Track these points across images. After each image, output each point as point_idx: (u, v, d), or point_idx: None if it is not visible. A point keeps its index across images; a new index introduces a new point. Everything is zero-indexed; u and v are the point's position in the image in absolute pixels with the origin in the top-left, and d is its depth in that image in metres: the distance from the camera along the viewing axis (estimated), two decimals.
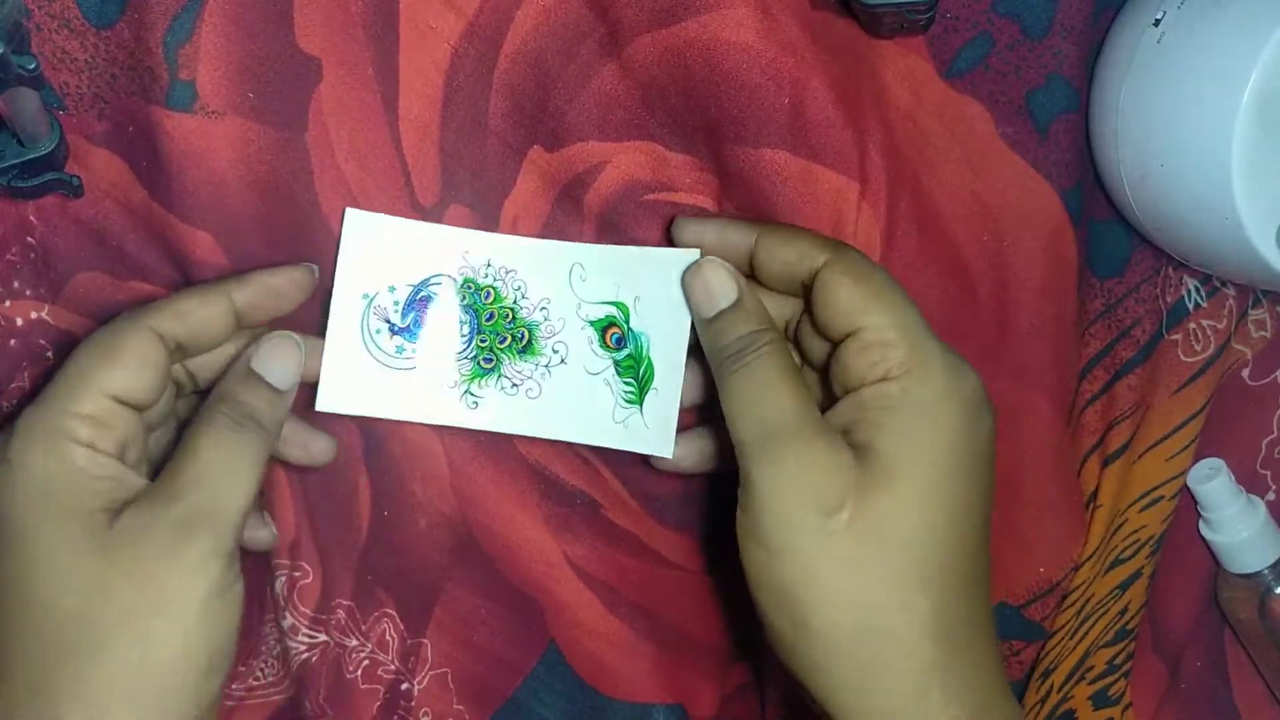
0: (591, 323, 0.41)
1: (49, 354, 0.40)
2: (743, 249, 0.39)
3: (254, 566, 0.45)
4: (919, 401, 0.35)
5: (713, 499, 0.44)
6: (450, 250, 0.40)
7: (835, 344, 0.37)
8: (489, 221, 0.41)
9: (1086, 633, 0.47)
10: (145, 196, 0.39)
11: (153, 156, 0.38)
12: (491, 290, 0.40)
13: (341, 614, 0.43)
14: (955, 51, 0.40)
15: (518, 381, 0.40)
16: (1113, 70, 0.41)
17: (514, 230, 0.41)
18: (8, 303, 0.39)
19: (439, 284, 0.40)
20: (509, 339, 0.40)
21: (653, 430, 0.41)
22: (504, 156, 0.40)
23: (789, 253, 0.38)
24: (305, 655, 0.43)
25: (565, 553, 0.44)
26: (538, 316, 0.40)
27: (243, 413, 0.36)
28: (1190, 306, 0.45)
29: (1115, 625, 0.47)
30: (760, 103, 0.38)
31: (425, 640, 0.44)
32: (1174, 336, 0.45)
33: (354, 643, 0.43)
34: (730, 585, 0.45)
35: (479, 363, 0.40)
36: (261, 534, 0.41)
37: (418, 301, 0.40)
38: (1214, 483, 0.47)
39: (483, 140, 0.40)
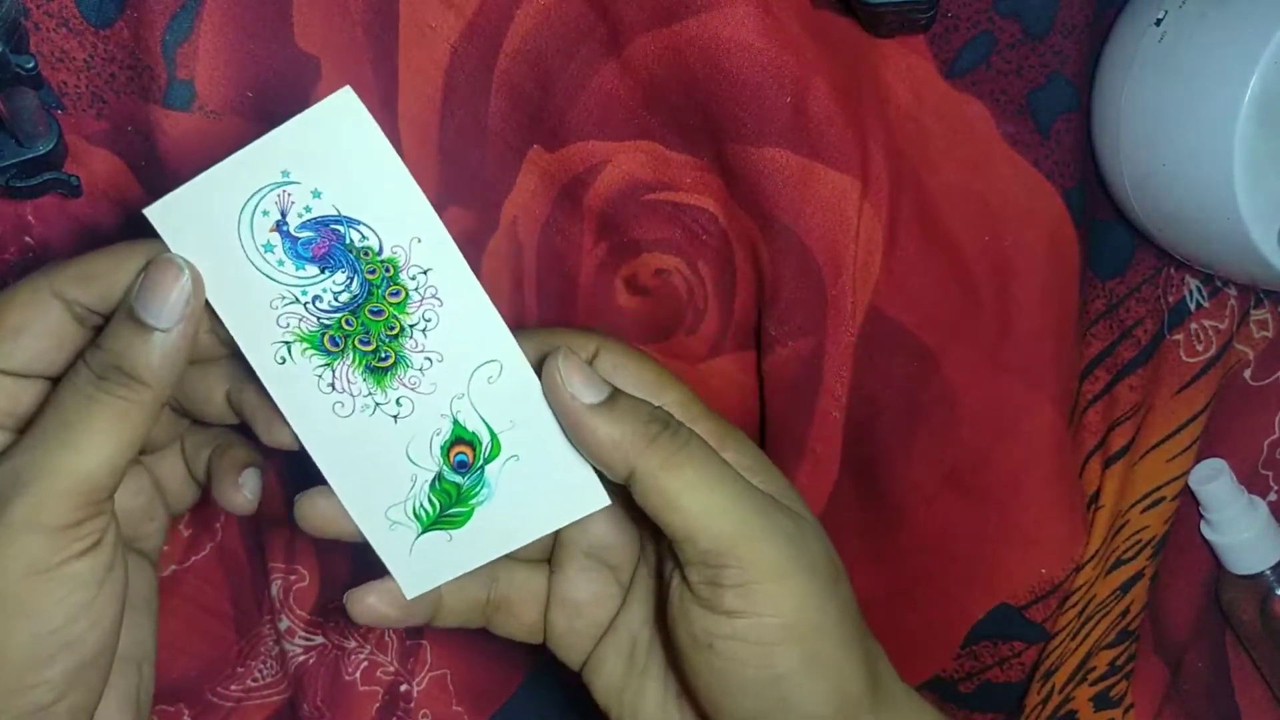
0: (454, 424, 0.34)
1: None
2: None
3: (250, 568, 0.45)
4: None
5: None
6: (399, 207, 0.31)
7: None
8: (488, 221, 0.40)
9: (1088, 634, 0.47)
10: (143, 196, 0.39)
11: (151, 156, 0.38)
12: (401, 289, 0.32)
13: (341, 615, 0.43)
14: (956, 51, 0.40)
15: (341, 389, 0.33)
16: (1114, 70, 0.41)
17: (513, 229, 0.41)
18: None
19: (363, 232, 0.31)
20: (372, 344, 0.33)
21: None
22: (503, 156, 0.40)
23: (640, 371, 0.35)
24: (302, 658, 0.43)
25: None
26: (416, 356, 0.33)
27: (106, 361, 0.31)
28: (1192, 306, 0.45)
29: (1117, 626, 0.47)
30: (761, 101, 0.38)
31: (424, 642, 0.44)
32: (1176, 337, 0.45)
33: (353, 644, 0.43)
34: None
35: (324, 340, 0.33)
36: (235, 497, 0.35)
37: (327, 230, 0.32)
38: (1215, 483, 0.47)
39: (482, 140, 0.40)
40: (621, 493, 0.33)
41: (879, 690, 0.34)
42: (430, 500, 0.34)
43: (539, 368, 0.33)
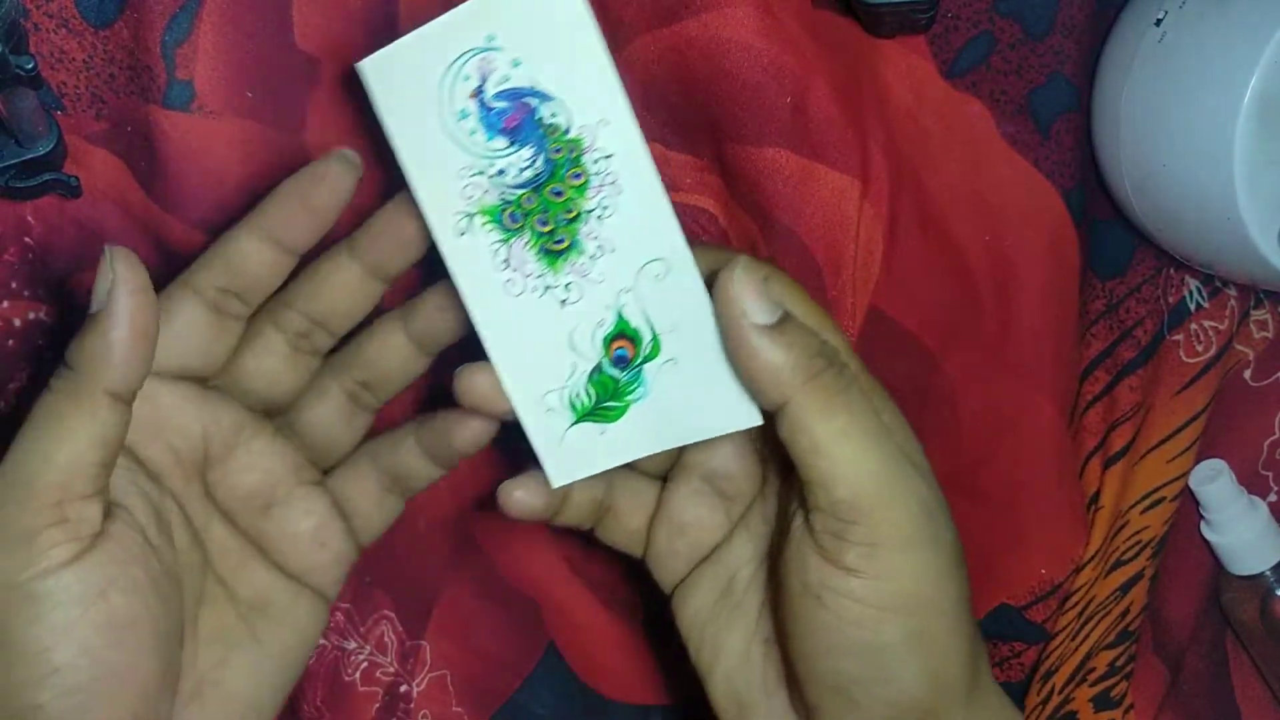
0: (618, 317, 0.33)
1: (47, 355, 0.40)
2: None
3: None
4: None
5: None
6: (593, 88, 0.31)
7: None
8: None
9: (1088, 634, 0.47)
10: (143, 197, 0.39)
11: (150, 156, 0.38)
12: (583, 172, 0.32)
13: (340, 616, 0.43)
14: (956, 51, 0.40)
15: (515, 267, 0.33)
16: (1114, 70, 0.41)
17: None
18: (5, 303, 0.39)
19: (554, 109, 0.31)
20: (549, 226, 0.32)
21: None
22: None
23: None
24: None
25: (564, 554, 0.44)
26: (589, 243, 0.32)
27: (66, 359, 0.30)
28: (1192, 307, 0.45)
29: (1117, 627, 0.47)
30: (761, 101, 0.38)
31: (424, 642, 0.44)
32: (1176, 337, 0.45)
33: (352, 645, 0.43)
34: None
35: (503, 216, 0.32)
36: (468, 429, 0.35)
37: (521, 102, 0.31)
38: (1216, 484, 0.47)
39: None
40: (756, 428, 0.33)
41: (977, 683, 0.34)
42: (588, 391, 0.33)
43: (709, 279, 0.32)
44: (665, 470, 0.38)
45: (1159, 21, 0.39)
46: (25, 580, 0.28)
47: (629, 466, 0.35)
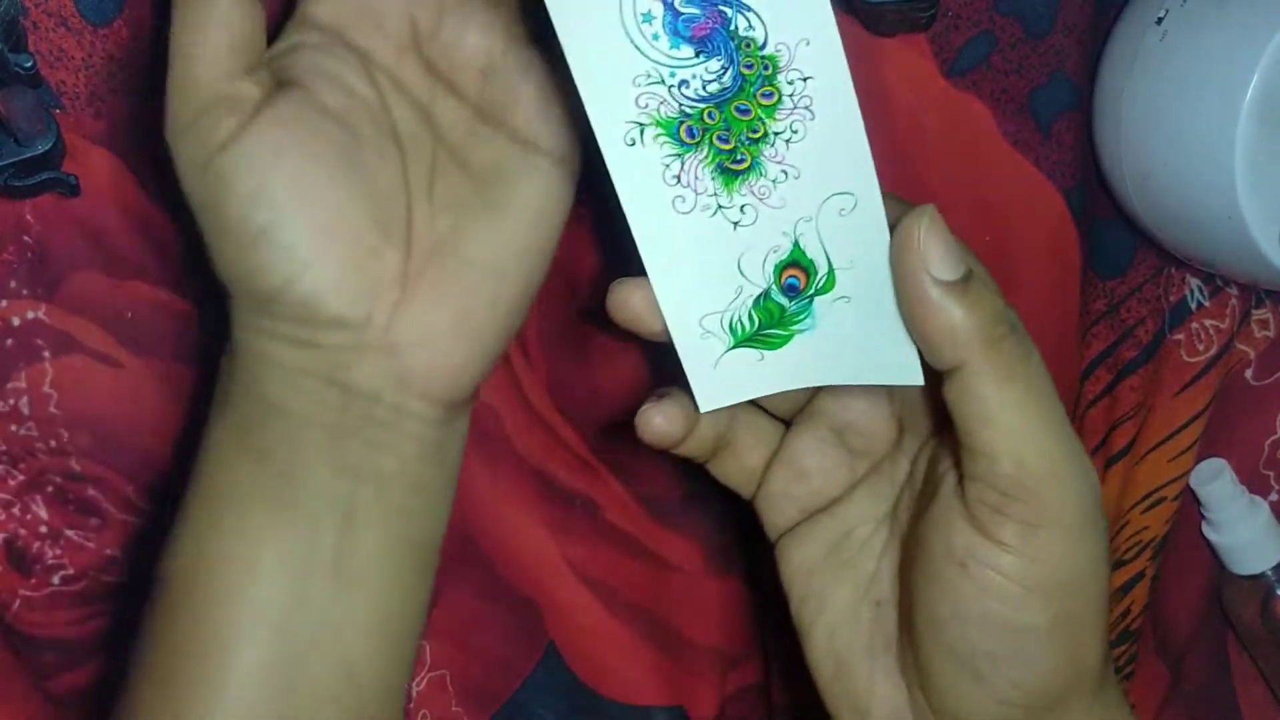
0: (794, 246, 0.31)
1: (45, 354, 0.40)
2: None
3: None
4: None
5: (713, 501, 0.44)
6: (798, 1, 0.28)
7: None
8: None
9: None
10: (142, 195, 0.39)
11: (151, 154, 0.38)
12: (775, 91, 0.29)
13: None
14: (957, 50, 0.40)
15: (686, 184, 0.30)
16: (1115, 69, 0.40)
17: None
18: (4, 302, 0.39)
19: (751, 20, 0.28)
20: (730, 144, 0.30)
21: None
22: None
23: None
24: None
25: (565, 554, 0.43)
26: (772, 166, 0.30)
27: None
28: (1193, 306, 0.45)
29: (1118, 627, 0.47)
30: None
31: (424, 642, 0.44)
32: (1177, 336, 0.45)
33: None
34: (730, 587, 0.45)
35: (680, 130, 0.30)
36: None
37: (714, 10, 0.28)
38: (1217, 484, 0.47)
39: None
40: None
41: (1106, 674, 0.33)
42: (751, 316, 0.32)
43: (894, 224, 0.30)
44: (792, 414, 0.36)
45: (1160, 20, 0.39)
46: (207, 159, 0.31)
47: (755, 404, 0.34)
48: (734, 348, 0.32)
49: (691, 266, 0.31)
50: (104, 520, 0.41)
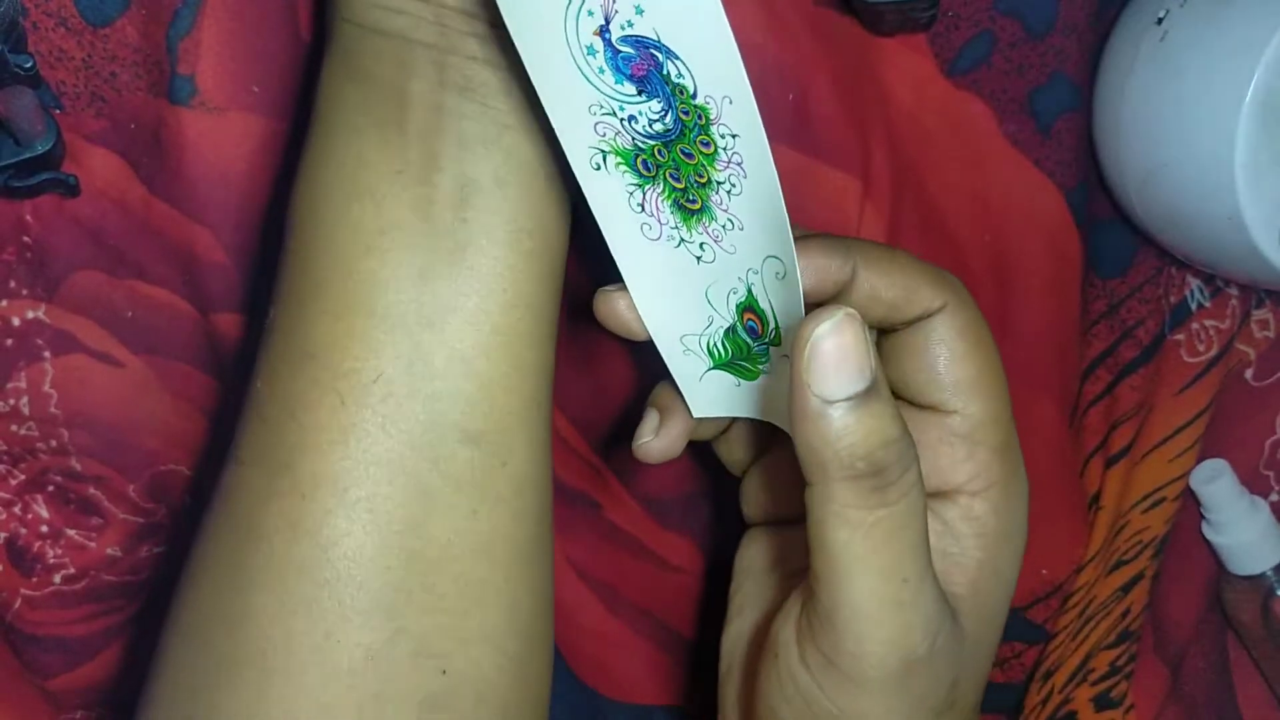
0: (748, 291, 0.31)
1: (45, 354, 0.40)
2: (836, 278, 0.31)
3: None
4: (1000, 535, 0.30)
5: (714, 502, 0.44)
6: (716, 60, 0.28)
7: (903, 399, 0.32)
8: None
9: (1088, 634, 0.47)
10: (144, 194, 0.39)
11: (153, 153, 0.38)
12: (711, 142, 0.29)
13: None
14: (957, 50, 0.40)
15: (650, 213, 0.30)
16: (1115, 69, 0.40)
17: None
18: (4, 302, 0.39)
19: (680, 69, 0.28)
20: (682, 183, 0.30)
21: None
22: None
23: (893, 289, 0.31)
24: None
25: (566, 554, 0.43)
26: (720, 213, 0.30)
27: None
28: (1193, 307, 0.45)
29: (1117, 627, 0.47)
30: (763, 99, 0.38)
31: None
32: (1177, 337, 0.45)
33: None
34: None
35: (636, 162, 0.30)
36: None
37: (646, 52, 0.28)
38: (1217, 484, 0.47)
39: None
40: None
41: None
42: (724, 344, 0.32)
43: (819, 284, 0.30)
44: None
45: (1160, 20, 0.39)
46: None
47: None
48: (713, 369, 0.32)
49: (667, 289, 0.31)
50: (105, 519, 0.41)
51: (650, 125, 0.29)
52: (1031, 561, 0.44)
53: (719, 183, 0.29)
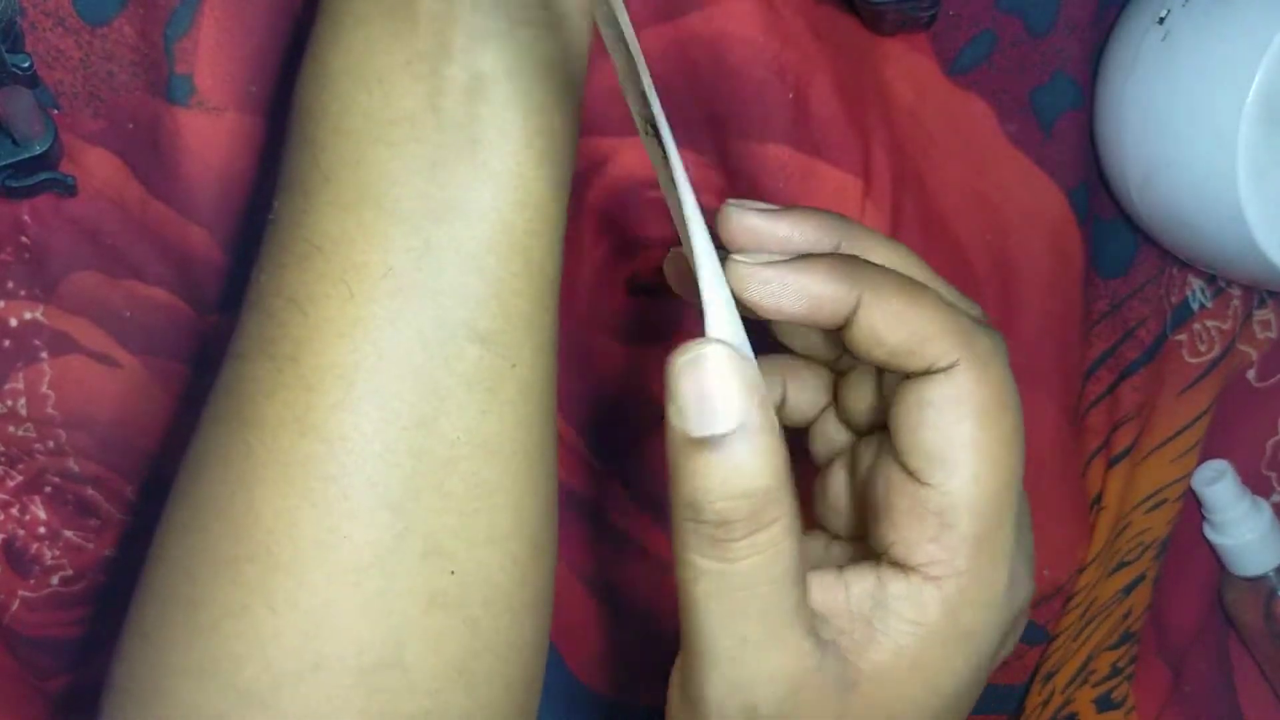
0: None
1: (43, 354, 0.40)
2: (833, 310, 0.27)
3: None
4: (943, 636, 0.27)
5: None
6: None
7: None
8: None
9: (1090, 635, 0.47)
10: (142, 194, 0.39)
11: (151, 153, 0.38)
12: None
13: None
14: (958, 49, 0.40)
15: None
16: (1117, 68, 0.40)
17: None
18: (2, 303, 0.39)
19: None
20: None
21: None
22: None
23: (899, 334, 0.26)
24: None
25: (564, 554, 0.43)
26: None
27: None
28: (1195, 307, 0.45)
29: (1119, 628, 0.47)
30: (764, 97, 0.38)
31: None
32: (1179, 337, 0.45)
33: None
34: None
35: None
36: None
37: None
38: (1219, 485, 0.46)
39: None
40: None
41: None
42: None
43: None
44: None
45: (1162, 20, 0.39)
46: None
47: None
48: None
49: None
50: (103, 521, 0.41)
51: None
52: (1033, 562, 0.44)
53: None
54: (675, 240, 0.38)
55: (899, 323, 0.26)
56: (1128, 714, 0.49)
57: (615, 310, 0.42)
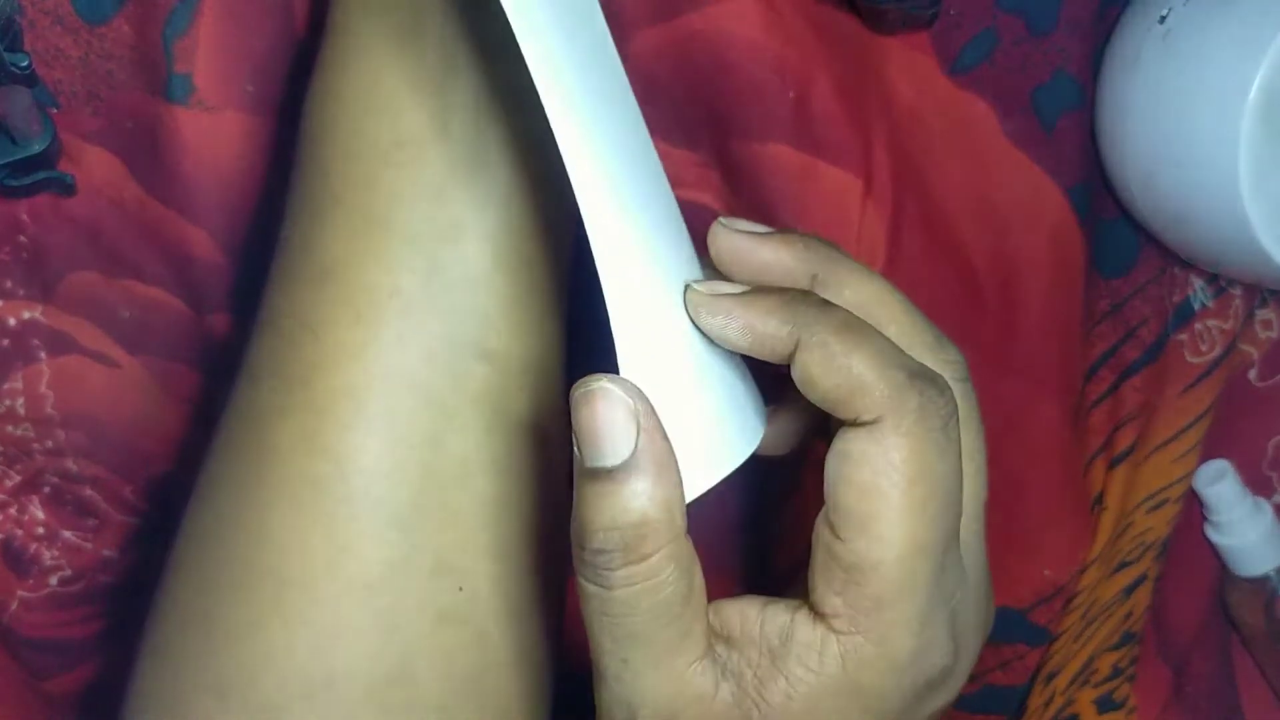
0: None
1: (41, 354, 0.40)
2: (773, 348, 0.27)
3: None
4: (834, 691, 0.26)
5: (713, 501, 0.44)
6: None
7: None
8: None
9: (1091, 636, 0.47)
10: (140, 193, 0.39)
11: (149, 152, 0.38)
12: None
13: None
14: (960, 48, 0.40)
15: None
16: (1118, 67, 0.40)
17: None
18: (0, 302, 0.39)
19: None
20: None
21: None
22: None
23: (829, 380, 0.26)
24: None
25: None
26: None
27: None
28: (1196, 306, 0.45)
29: (1120, 629, 0.47)
30: (764, 96, 0.38)
31: None
32: (1180, 337, 0.45)
33: None
34: (730, 586, 0.45)
35: None
36: None
37: None
38: (1220, 485, 0.46)
39: None
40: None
41: None
42: None
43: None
44: None
45: (1163, 19, 0.39)
46: None
47: None
48: None
49: None
50: (101, 521, 0.41)
51: None
52: (1034, 563, 0.44)
53: None
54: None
55: (829, 370, 0.25)
56: (1129, 715, 0.49)
57: None
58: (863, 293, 0.29)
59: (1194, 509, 0.48)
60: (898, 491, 0.25)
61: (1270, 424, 0.48)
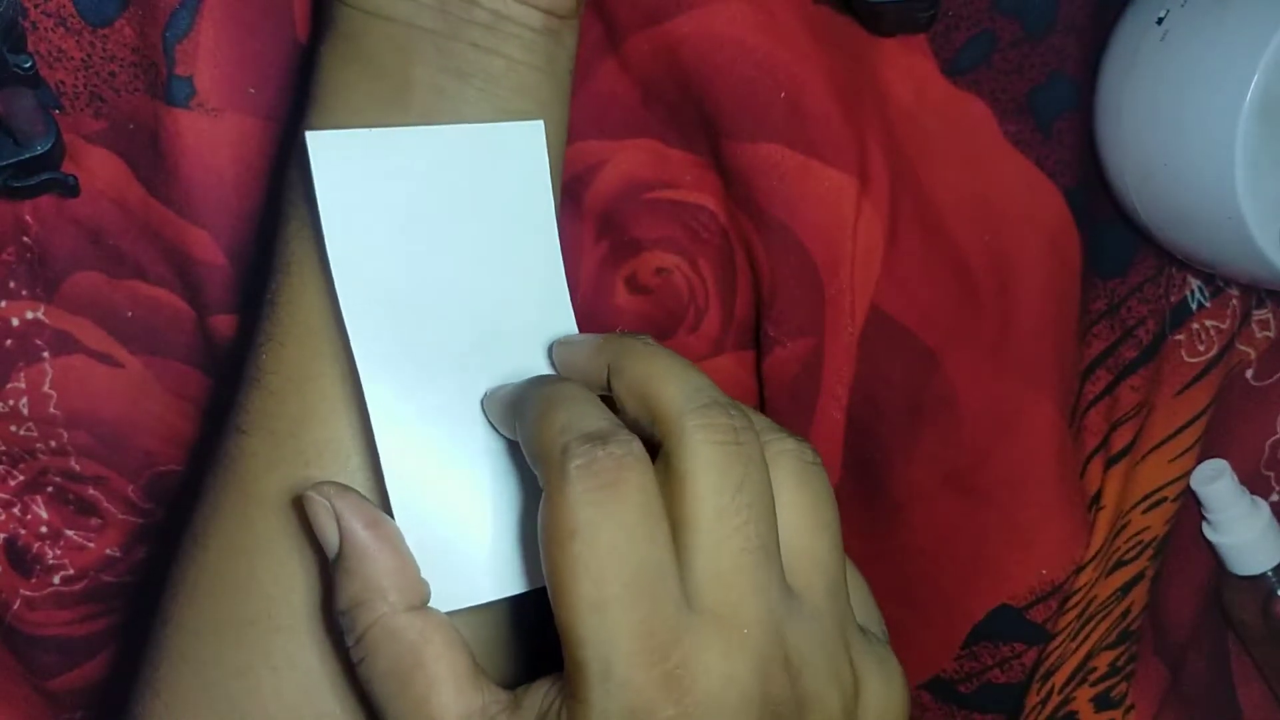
0: None
1: (45, 354, 0.40)
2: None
3: None
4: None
5: None
6: None
7: None
8: None
9: (1088, 635, 0.47)
10: (143, 195, 0.39)
11: (151, 154, 0.38)
12: None
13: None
14: (957, 49, 0.40)
15: None
16: (1116, 68, 0.40)
17: None
18: (3, 303, 0.39)
19: None
20: None
21: None
22: None
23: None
24: None
25: None
26: None
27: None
28: (1194, 306, 0.45)
29: (1118, 627, 0.47)
30: (755, 97, 0.38)
31: None
32: (1178, 337, 0.45)
33: None
34: None
35: None
36: None
37: None
38: (1217, 484, 0.46)
39: None
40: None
41: None
42: None
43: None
44: None
45: (1161, 20, 0.39)
46: None
47: None
48: None
49: None
50: (104, 520, 0.41)
51: None
52: (1031, 562, 0.44)
53: None
54: (669, 242, 0.39)
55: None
56: (1126, 713, 0.49)
57: (615, 309, 0.42)
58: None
59: (1191, 508, 0.48)
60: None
61: (1267, 423, 0.48)
